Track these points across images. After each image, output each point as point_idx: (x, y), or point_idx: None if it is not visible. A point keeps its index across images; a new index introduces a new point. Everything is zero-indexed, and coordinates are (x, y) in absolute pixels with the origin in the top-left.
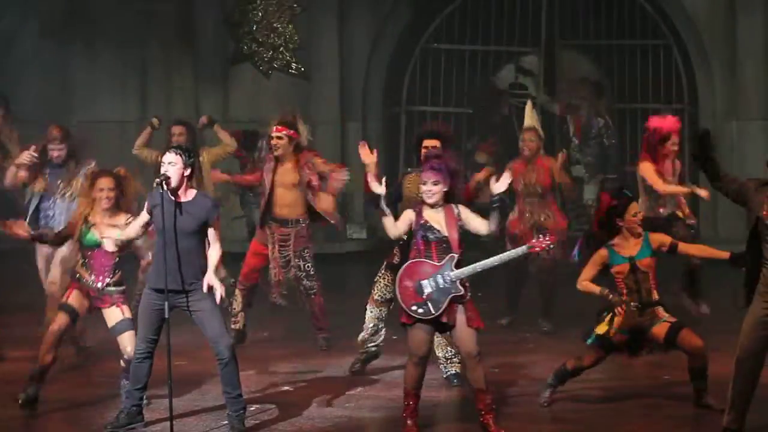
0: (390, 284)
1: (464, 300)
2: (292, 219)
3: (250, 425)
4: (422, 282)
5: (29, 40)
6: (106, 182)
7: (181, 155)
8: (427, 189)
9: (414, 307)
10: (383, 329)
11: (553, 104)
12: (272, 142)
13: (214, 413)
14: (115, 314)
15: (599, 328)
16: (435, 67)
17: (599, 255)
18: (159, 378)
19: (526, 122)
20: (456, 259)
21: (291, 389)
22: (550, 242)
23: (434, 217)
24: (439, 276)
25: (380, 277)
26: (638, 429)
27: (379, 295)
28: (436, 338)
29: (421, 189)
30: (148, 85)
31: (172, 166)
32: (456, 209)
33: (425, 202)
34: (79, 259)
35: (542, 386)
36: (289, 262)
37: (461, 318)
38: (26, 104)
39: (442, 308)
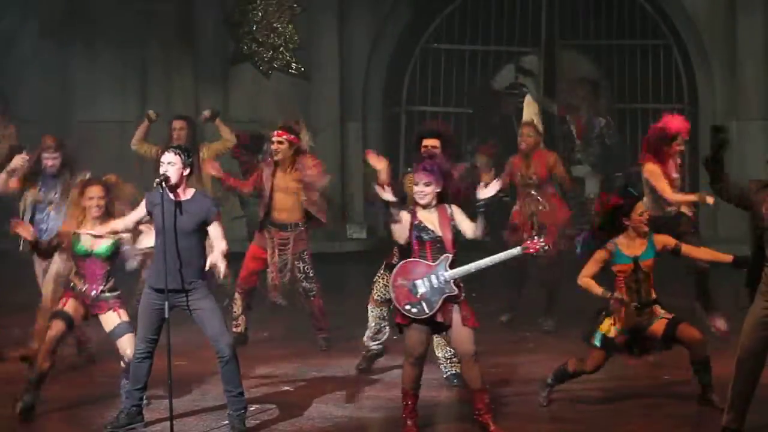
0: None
1: (458, 300)
2: (291, 223)
3: (250, 425)
4: (416, 282)
5: (29, 40)
6: (95, 191)
7: (180, 155)
8: (419, 190)
9: (408, 307)
10: (387, 328)
11: (552, 104)
12: (272, 146)
13: (214, 413)
14: (113, 319)
15: (602, 328)
16: (435, 67)
17: (604, 252)
18: (159, 378)
19: (525, 116)
20: (450, 259)
21: (291, 389)
22: (544, 243)
23: (428, 217)
24: (433, 276)
25: (379, 277)
26: (638, 429)
27: (379, 295)
28: (435, 338)
29: (414, 190)
30: (148, 85)
31: (172, 166)
32: (449, 209)
33: (417, 203)
34: (73, 268)
35: (542, 386)
36: (286, 265)
37: (457, 318)
38: (26, 104)
39: (436, 308)
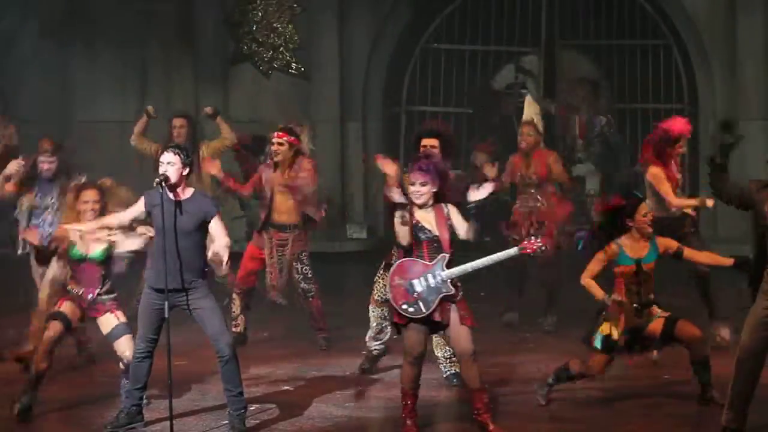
0: None
1: (455, 299)
2: (291, 224)
3: (250, 425)
4: (413, 281)
5: (29, 40)
6: (90, 195)
7: (179, 155)
8: (415, 190)
9: (404, 306)
10: (388, 328)
11: (552, 105)
12: (273, 147)
13: (214, 413)
14: (110, 321)
15: (603, 329)
16: (435, 67)
17: (608, 252)
18: (159, 378)
19: (525, 115)
20: (447, 258)
21: (291, 389)
22: (542, 244)
23: (425, 217)
24: (429, 275)
25: (379, 277)
26: (638, 428)
27: (379, 295)
28: (435, 338)
29: (410, 190)
30: (148, 85)
31: (171, 165)
32: (446, 209)
33: (414, 203)
34: (69, 273)
35: (541, 385)
36: (285, 266)
37: (455, 317)
38: (26, 104)
39: (433, 307)
